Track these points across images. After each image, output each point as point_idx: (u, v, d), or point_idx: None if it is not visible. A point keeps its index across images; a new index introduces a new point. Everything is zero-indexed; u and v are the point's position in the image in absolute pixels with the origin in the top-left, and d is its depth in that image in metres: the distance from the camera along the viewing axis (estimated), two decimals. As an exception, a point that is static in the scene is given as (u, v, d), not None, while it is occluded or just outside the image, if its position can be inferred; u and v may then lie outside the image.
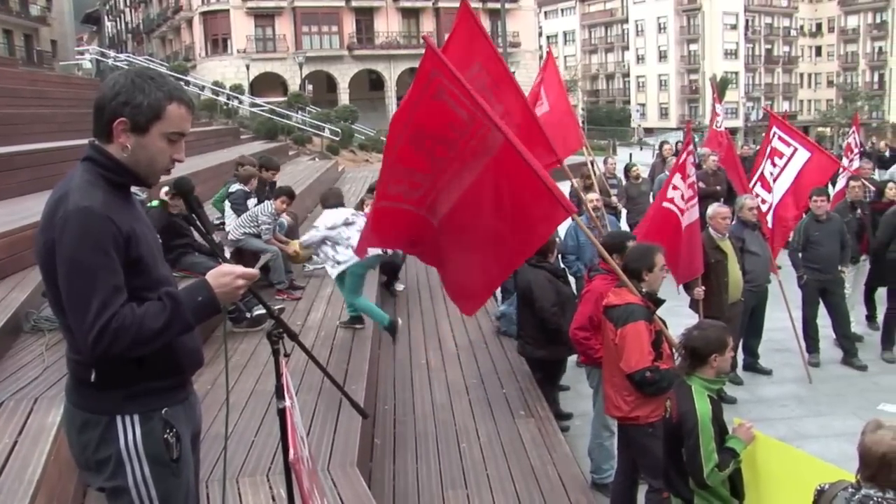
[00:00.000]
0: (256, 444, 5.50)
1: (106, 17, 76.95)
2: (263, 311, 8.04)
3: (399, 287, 11.37)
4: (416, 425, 7.00)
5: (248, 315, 8.08)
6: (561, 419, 7.90)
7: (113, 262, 2.59)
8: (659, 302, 5.70)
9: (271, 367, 3.28)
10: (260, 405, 6.11)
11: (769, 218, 10.00)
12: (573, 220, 6.21)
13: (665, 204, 8.44)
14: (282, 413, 3.09)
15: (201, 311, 2.71)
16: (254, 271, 2.88)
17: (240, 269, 2.80)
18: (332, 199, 8.60)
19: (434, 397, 7.66)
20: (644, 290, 5.63)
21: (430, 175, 5.13)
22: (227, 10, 52.22)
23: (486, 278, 5.48)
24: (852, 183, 11.15)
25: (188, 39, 55.97)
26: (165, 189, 7.83)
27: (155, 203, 7.95)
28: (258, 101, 38.13)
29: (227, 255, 8.37)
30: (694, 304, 8.53)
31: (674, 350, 5.43)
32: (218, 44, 53.12)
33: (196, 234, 6.76)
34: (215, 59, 52.03)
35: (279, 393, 3.12)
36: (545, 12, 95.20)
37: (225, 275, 2.76)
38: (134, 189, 2.95)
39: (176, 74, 32.13)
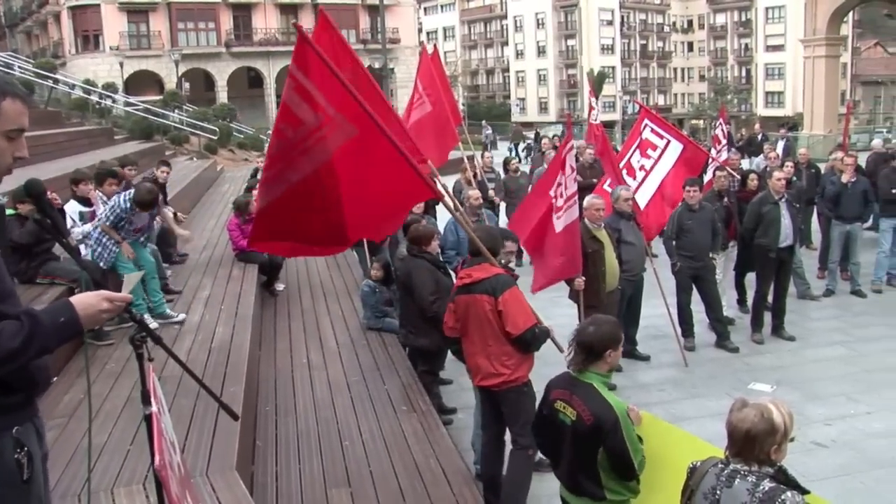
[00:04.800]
0: (132, 452, 5.32)
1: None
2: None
3: (280, 287, 11.22)
4: (298, 425, 6.93)
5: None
6: (444, 413, 7.96)
7: None
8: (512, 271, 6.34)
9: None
10: (135, 412, 5.88)
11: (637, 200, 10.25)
12: (453, 216, 6.45)
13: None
14: (148, 419, 3.01)
15: (62, 332, 2.58)
16: (123, 295, 2.77)
17: (106, 292, 2.70)
18: None
19: (316, 396, 7.59)
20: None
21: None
22: (98, 5, 50.43)
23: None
24: (718, 173, 11.57)
25: (56, 35, 53.92)
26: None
27: (13, 211, 7.53)
28: (133, 100, 36.97)
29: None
30: (573, 295, 8.69)
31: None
32: (89, 40, 51.31)
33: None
34: (87, 57, 50.24)
35: (145, 398, 3.04)
36: (425, 8, 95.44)
37: (91, 297, 2.65)
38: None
39: (44, 72, 30.95)
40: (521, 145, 46.44)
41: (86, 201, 8.85)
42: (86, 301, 2.63)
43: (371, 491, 5.81)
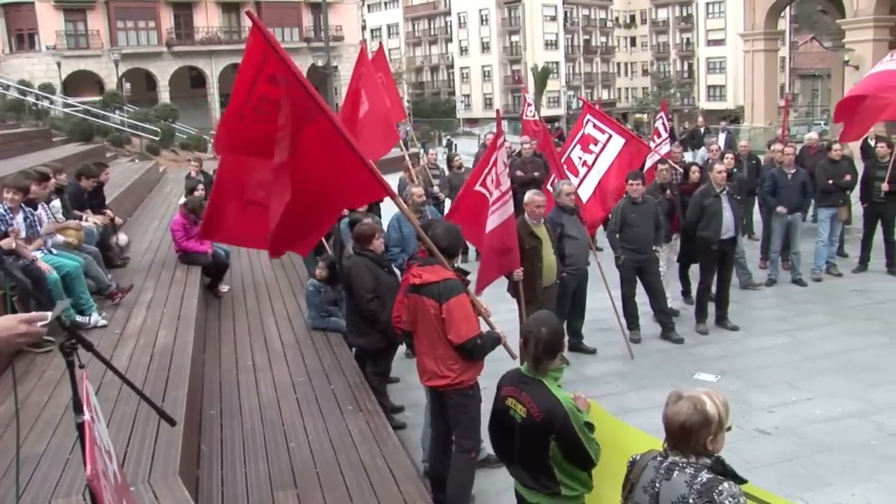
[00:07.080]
0: (71, 462, 5.19)
1: None
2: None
3: (224, 289, 11.08)
4: (244, 427, 6.83)
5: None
6: (392, 412, 7.94)
7: None
8: (466, 274, 6.20)
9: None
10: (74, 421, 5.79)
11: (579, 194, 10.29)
12: (400, 210, 6.41)
13: (479, 189, 8.37)
14: (80, 427, 2.94)
15: None
16: (40, 314, 2.72)
17: (24, 314, 2.64)
18: None
19: (261, 397, 7.50)
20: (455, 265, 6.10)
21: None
22: (33, 3, 49.17)
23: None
24: (660, 166, 11.68)
25: (-13, 34, 52.69)
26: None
27: None
28: (71, 100, 36.31)
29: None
30: (512, 290, 8.66)
31: (486, 316, 6.10)
32: (24, 39, 50.06)
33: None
34: (22, 56, 49.06)
35: (77, 407, 2.97)
36: (368, 6, 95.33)
37: (8, 319, 2.59)
38: None
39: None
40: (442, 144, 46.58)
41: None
42: (2, 324, 2.57)
43: (318, 492, 5.76)
